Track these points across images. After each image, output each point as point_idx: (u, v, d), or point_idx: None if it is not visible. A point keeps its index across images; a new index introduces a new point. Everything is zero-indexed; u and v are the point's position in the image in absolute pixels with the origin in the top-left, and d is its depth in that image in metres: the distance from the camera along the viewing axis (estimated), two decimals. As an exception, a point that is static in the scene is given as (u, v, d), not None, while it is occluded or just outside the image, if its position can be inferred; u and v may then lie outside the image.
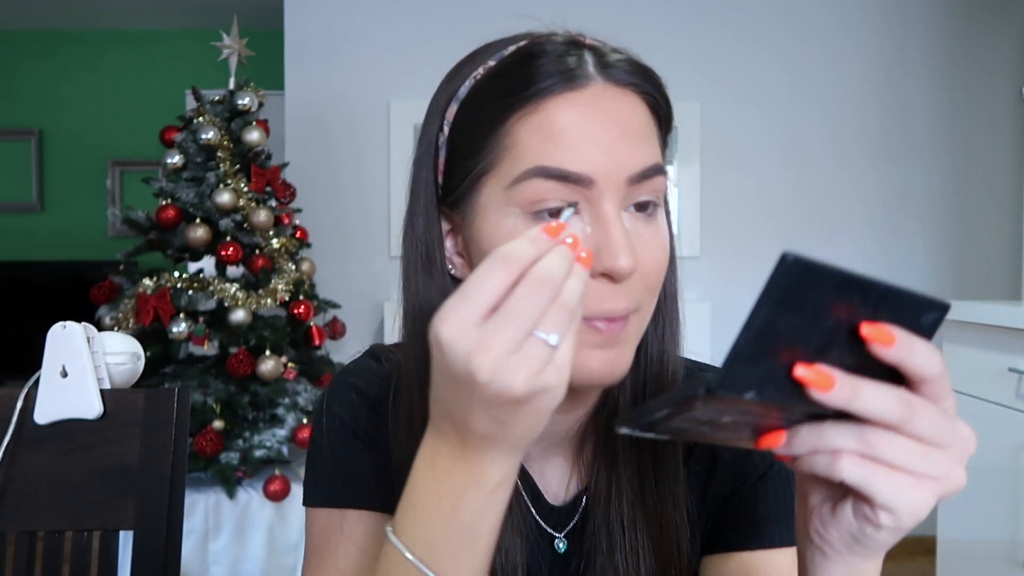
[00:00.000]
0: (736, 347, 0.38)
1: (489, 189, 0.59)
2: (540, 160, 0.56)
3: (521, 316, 0.44)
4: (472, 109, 0.61)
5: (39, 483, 0.90)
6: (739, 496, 0.69)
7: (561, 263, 0.45)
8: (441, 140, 0.63)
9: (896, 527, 0.42)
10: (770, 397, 0.40)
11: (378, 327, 3.18)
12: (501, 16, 3.55)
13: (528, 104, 0.57)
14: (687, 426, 0.44)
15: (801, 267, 0.38)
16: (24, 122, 4.45)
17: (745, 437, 0.46)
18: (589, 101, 0.57)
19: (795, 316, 0.39)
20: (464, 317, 0.44)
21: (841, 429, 0.42)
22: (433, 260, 0.64)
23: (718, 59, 3.19)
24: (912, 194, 3.27)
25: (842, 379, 0.40)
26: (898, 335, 0.40)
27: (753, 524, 0.67)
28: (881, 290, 0.40)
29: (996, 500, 2.01)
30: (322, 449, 0.71)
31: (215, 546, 2.25)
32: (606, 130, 0.57)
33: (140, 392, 0.92)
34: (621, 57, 0.60)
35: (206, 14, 4.10)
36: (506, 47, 0.62)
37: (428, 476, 0.51)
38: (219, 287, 2.32)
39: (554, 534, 0.69)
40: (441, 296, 0.62)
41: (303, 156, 3.12)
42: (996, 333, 2.02)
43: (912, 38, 3.25)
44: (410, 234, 0.65)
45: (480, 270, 0.45)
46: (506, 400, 0.44)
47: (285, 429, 2.34)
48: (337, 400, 0.71)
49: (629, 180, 0.57)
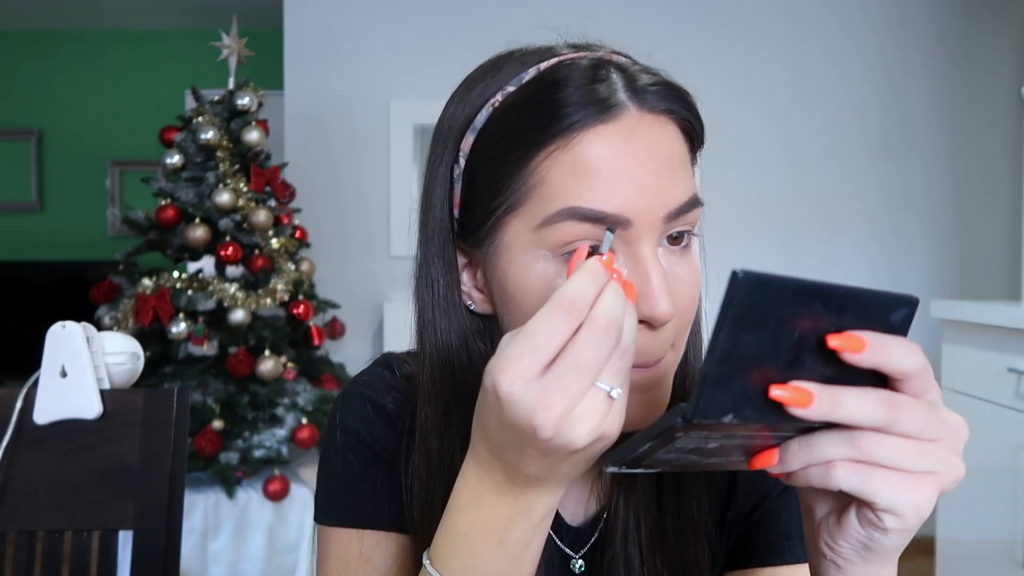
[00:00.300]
0: (703, 372, 0.38)
1: (515, 228, 0.56)
2: (573, 201, 0.52)
3: (585, 368, 0.43)
4: (494, 142, 0.57)
5: (39, 483, 0.90)
6: (760, 512, 0.67)
7: (619, 303, 0.43)
8: (457, 172, 0.60)
9: (903, 528, 0.42)
10: (750, 418, 0.39)
11: (378, 327, 3.18)
12: (501, 16, 3.55)
13: (557, 139, 0.53)
14: (674, 456, 0.43)
15: (754, 282, 0.37)
16: (24, 122, 4.45)
17: (737, 459, 0.45)
18: (623, 134, 0.53)
19: (758, 333, 0.38)
20: (526, 369, 0.43)
21: (831, 438, 0.41)
22: (452, 301, 0.61)
23: (718, 59, 3.19)
24: (912, 194, 3.27)
25: (819, 392, 0.39)
26: (868, 339, 0.40)
27: (776, 540, 0.66)
28: (841, 295, 0.40)
29: (996, 500, 2.01)
30: (337, 465, 0.68)
31: (215, 546, 2.25)
32: (642, 165, 0.53)
33: (140, 392, 0.92)
34: (653, 80, 0.56)
35: (206, 14, 4.09)
36: (524, 69, 0.57)
37: (472, 509, 0.50)
38: (219, 287, 2.32)
39: (571, 554, 0.67)
40: (461, 336, 0.61)
41: (303, 156, 3.12)
42: (995, 333, 2.02)
43: (912, 38, 3.25)
44: (425, 272, 0.62)
45: (541, 316, 0.43)
46: (565, 452, 0.44)
47: (285, 429, 2.34)
48: (352, 414, 0.68)
49: (667, 217, 0.54)
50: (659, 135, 0.55)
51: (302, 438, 2.29)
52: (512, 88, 0.57)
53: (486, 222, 0.57)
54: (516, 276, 0.56)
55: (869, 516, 0.42)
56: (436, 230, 0.61)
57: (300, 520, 2.27)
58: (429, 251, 0.62)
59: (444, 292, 0.61)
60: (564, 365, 0.43)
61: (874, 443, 0.40)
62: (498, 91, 0.58)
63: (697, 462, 0.45)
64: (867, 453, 0.40)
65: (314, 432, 2.31)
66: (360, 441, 0.67)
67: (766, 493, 0.68)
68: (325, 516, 0.67)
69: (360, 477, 0.67)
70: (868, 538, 0.43)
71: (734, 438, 0.42)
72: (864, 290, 0.40)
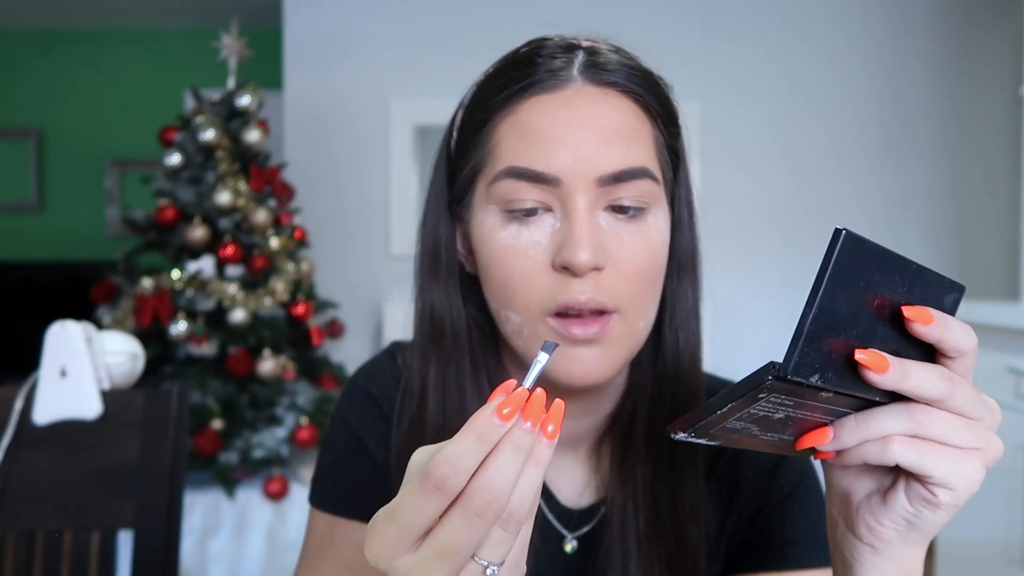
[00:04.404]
0: (799, 328, 0.38)
1: (479, 188, 0.62)
2: (513, 160, 0.58)
3: (453, 552, 0.38)
4: (469, 113, 0.64)
5: (38, 483, 0.90)
6: (764, 517, 0.68)
7: (506, 471, 0.37)
8: (452, 145, 0.66)
9: (954, 503, 0.43)
10: (831, 382, 0.40)
11: (377, 327, 3.18)
12: (501, 16, 3.56)
13: (507, 105, 0.59)
14: (740, 427, 0.43)
15: (853, 241, 0.39)
16: (23, 122, 4.45)
17: (787, 439, 0.45)
18: (562, 102, 0.58)
19: (848, 295, 0.39)
20: (393, 548, 0.39)
21: (889, 412, 0.42)
22: (439, 258, 0.66)
23: (717, 60, 3.19)
24: (911, 194, 3.27)
25: (893, 361, 0.40)
26: (935, 314, 0.42)
27: (780, 545, 0.67)
28: (914, 269, 0.42)
29: (996, 500, 2.01)
30: (329, 452, 0.72)
31: (214, 546, 2.25)
32: (576, 132, 0.57)
33: (139, 392, 0.92)
34: (613, 59, 0.60)
35: (205, 14, 4.09)
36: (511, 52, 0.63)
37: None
38: (218, 287, 2.31)
39: (564, 533, 0.69)
40: (446, 294, 0.65)
41: (302, 156, 3.12)
42: (995, 333, 2.02)
43: (911, 38, 3.25)
44: (421, 234, 0.67)
45: (409, 492, 0.38)
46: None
47: (284, 429, 2.34)
48: (351, 406, 0.72)
49: (600, 181, 0.57)
50: (602, 106, 0.58)
51: (302, 438, 2.29)
52: (492, 68, 0.64)
53: (465, 186, 0.63)
54: (476, 231, 0.62)
55: (921, 492, 0.43)
56: (433, 195, 0.67)
57: (300, 520, 2.27)
58: (427, 211, 0.67)
59: (433, 250, 0.66)
60: (431, 547, 0.38)
61: (931, 418, 0.42)
62: (485, 72, 0.64)
63: (756, 436, 0.45)
64: (924, 428, 0.42)
65: (314, 432, 2.31)
66: (352, 433, 0.71)
67: (769, 499, 0.68)
68: (312, 496, 0.73)
69: (345, 467, 0.70)
70: (915, 515, 0.44)
71: (798, 411, 0.42)
72: (929, 269, 0.42)
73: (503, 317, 0.61)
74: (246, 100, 2.40)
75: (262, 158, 2.45)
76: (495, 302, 0.62)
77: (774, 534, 0.67)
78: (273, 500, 2.26)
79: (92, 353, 0.92)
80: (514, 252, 0.58)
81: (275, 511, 2.27)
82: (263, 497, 2.26)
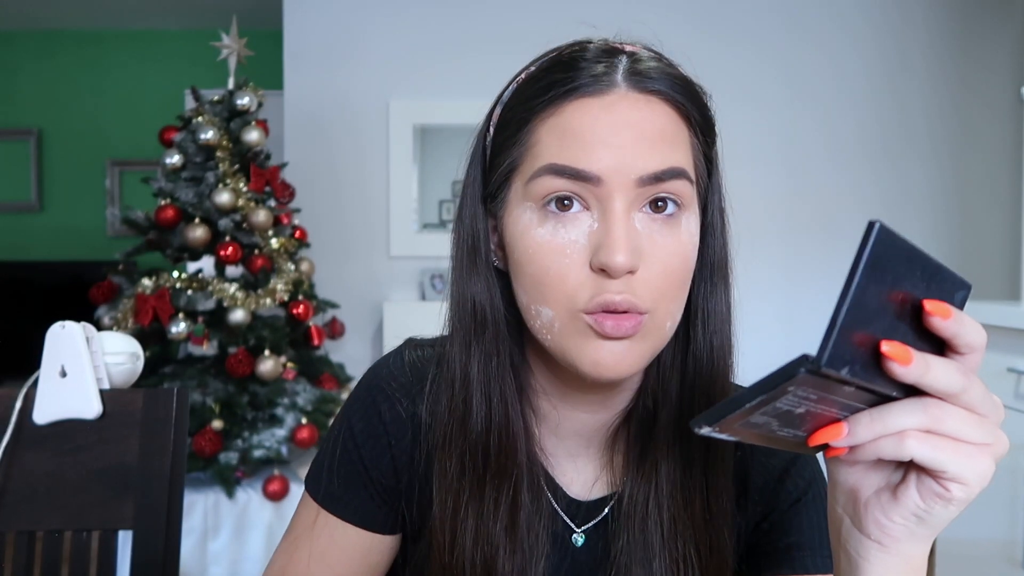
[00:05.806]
0: (834, 319, 0.38)
1: (515, 186, 0.63)
2: (554, 158, 0.59)
3: None
4: (510, 111, 0.65)
5: (38, 483, 0.90)
6: (770, 522, 0.69)
7: None
8: (488, 140, 0.67)
9: (966, 497, 0.43)
10: (858, 375, 0.40)
11: (377, 327, 3.17)
12: (501, 17, 3.54)
13: (550, 107, 0.60)
14: (763, 421, 0.43)
15: (886, 233, 0.39)
16: (23, 122, 4.45)
17: (801, 435, 0.45)
18: (606, 106, 0.59)
19: (878, 287, 0.39)
20: None
21: (904, 408, 0.43)
22: (477, 251, 0.67)
23: (716, 61, 3.18)
24: (911, 194, 3.27)
25: (916, 354, 0.41)
26: (953, 309, 0.42)
27: (786, 550, 0.67)
28: (934, 265, 0.42)
29: (996, 500, 2.01)
30: (329, 443, 0.75)
31: (214, 546, 2.25)
32: (618, 134, 0.58)
33: (139, 392, 0.92)
34: (655, 66, 0.62)
35: (205, 14, 4.09)
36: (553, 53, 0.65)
37: None
38: (218, 287, 2.31)
39: (572, 526, 0.70)
40: (485, 287, 0.67)
41: (302, 156, 3.12)
42: (995, 333, 2.02)
43: (911, 38, 3.25)
44: (458, 228, 0.68)
45: None
46: None
47: (284, 429, 2.33)
48: (359, 413, 0.73)
49: (639, 181, 0.58)
50: (644, 111, 0.60)
51: (301, 438, 2.29)
52: (534, 68, 0.65)
53: (500, 183, 0.64)
54: (511, 228, 0.63)
55: (933, 487, 0.43)
56: (469, 190, 0.68)
57: (300, 520, 2.27)
58: (463, 206, 0.68)
59: (471, 244, 0.67)
60: None
61: (945, 412, 0.42)
62: (524, 71, 0.66)
63: (771, 432, 0.45)
64: (938, 422, 0.42)
65: (313, 432, 2.31)
66: (353, 439, 0.73)
67: (776, 504, 0.69)
68: (306, 479, 0.75)
69: (336, 465, 0.73)
70: (926, 510, 0.44)
71: (819, 406, 0.42)
72: (944, 266, 0.43)
73: (534, 312, 0.62)
74: (246, 100, 2.40)
75: (262, 158, 2.45)
76: (527, 296, 0.62)
77: (780, 539, 0.67)
78: (273, 500, 2.26)
79: (92, 353, 0.92)
80: (551, 249, 0.60)
81: (275, 511, 2.27)
82: (263, 497, 2.26)
